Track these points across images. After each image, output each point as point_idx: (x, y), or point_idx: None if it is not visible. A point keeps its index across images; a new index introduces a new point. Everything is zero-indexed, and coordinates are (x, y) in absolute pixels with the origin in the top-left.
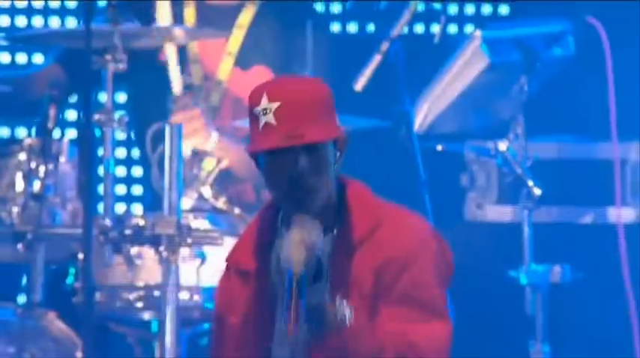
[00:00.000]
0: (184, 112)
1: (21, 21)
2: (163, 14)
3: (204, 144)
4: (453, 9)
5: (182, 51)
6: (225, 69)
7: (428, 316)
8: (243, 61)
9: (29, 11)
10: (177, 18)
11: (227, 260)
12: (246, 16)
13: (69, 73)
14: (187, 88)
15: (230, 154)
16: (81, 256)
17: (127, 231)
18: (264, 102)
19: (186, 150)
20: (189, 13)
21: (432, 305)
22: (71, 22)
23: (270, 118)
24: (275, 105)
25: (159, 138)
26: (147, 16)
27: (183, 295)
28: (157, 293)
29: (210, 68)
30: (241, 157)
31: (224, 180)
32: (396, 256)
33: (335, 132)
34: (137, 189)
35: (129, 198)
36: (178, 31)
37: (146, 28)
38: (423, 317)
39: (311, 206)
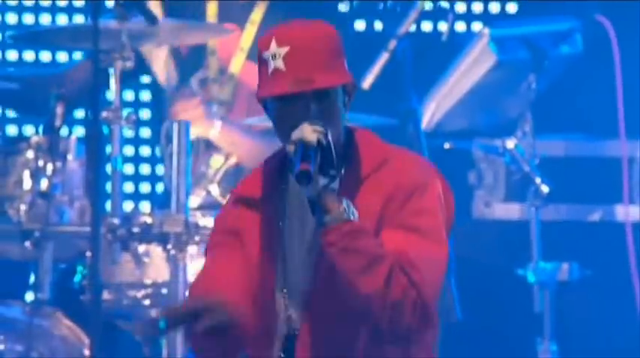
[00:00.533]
0: (183, 102)
1: (28, 19)
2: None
3: (206, 132)
4: (460, 7)
5: (198, 49)
6: (237, 63)
7: (426, 239)
8: (255, 55)
9: (36, 9)
10: (200, 14)
11: (235, 191)
12: (258, 13)
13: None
14: (203, 81)
15: (240, 149)
16: (89, 254)
17: (135, 229)
18: (273, 46)
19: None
20: (212, 10)
21: (430, 231)
22: (79, 20)
23: (279, 63)
24: (284, 50)
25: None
26: (152, 14)
27: None
28: (164, 290)
29: (225, 61)
30: (252, 152)
31: (233, 177)
32: (401, 185)
33: (345, 77)
34: (145, 187)
35: (137, 196)
36: (165, 28)
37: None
38: (421, 241)
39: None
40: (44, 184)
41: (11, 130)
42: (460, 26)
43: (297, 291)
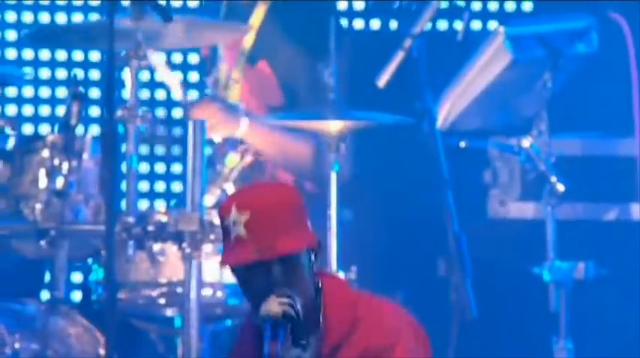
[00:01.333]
0: (202, 108)
1: (45, 17)
2: None
3: (232, 132)
4: (476, 5)
5: (214, 50)
6: (239, 68)
7: None
8: (253, 58)
9: (52, 8)
10: (213, 14)
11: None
12: (256, 17)
13: None
14: (216, 82)
15: (268, 142)
16: (104, 253)
17: (150, 228)
18: (234, 213)
19: (217, 139)
20: (223, 10)
21: None
22: (94, 19)
23: (240, 231)
24: (244, 216)
25: None
26: (167, 12)
27: (206, 291)
28: (179, 289)
29: (230, 67)
30: (278, 145)
31: (249, 175)
32: (369, 351)
33: (307, 239)
34: (160, 186)
35: (152, 195)
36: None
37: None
38: None
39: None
40: (60, 183)
41: (27, 129)
42: (476, 24)
43: None
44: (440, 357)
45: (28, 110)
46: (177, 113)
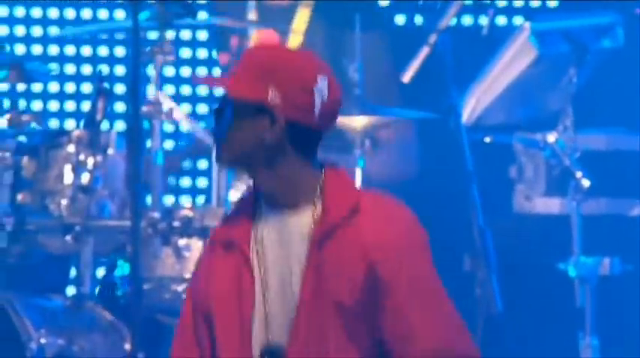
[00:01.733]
0: None
1: (70, 13)
2: None
3: None
4: (501, 1)
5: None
6: None
7: (439, 305)
8: None
9: (78, 4)
10: (240, 16)
11: (211, 233)
12: (300, 21)
13: None
14: None
15: None
16: (129, 248)
17: (176, 223)
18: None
19: None
20: (252, 13)
21: (438, 294)
22: (120, 15)
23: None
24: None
25: None
26: (192, 9)
27: None
28: None
29: None
30: None
31: None
32: (388, 250)
33: (252, 93)
34: (185, 181)
35: (177, 190)
36: None
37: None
38: (437, 308)
39: (218, 153)
40: (85, 178)
41: (53, 124)
42: (501, 20)
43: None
44: None
45: (53, 105)
46: (201, 109)
